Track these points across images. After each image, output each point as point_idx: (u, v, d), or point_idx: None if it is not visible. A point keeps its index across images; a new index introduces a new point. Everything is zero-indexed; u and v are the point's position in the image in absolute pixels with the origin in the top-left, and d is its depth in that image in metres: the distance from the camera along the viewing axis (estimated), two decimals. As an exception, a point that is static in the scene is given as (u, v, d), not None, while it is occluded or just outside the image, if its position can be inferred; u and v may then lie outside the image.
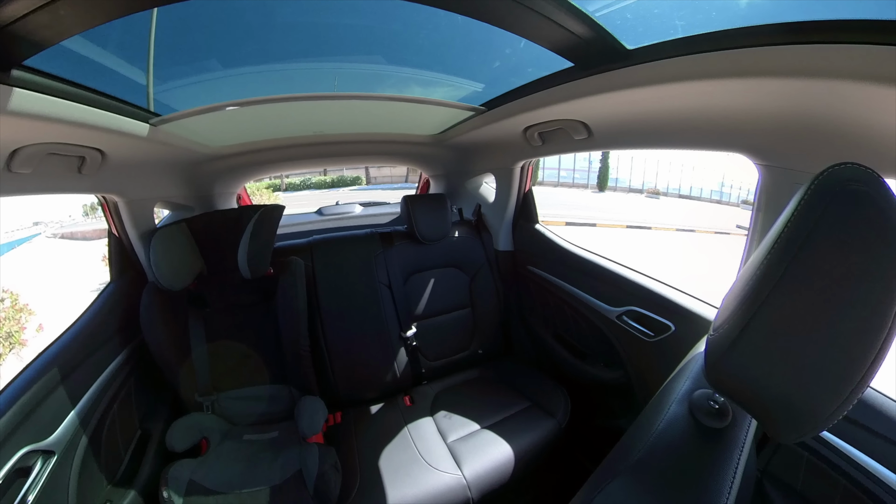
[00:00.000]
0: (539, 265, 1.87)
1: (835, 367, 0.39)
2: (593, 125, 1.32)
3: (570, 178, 20.50)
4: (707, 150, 1.16)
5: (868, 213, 0.38)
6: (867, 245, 0.38)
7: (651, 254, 9.03)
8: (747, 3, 0.74)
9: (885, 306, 0.37)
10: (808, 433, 0.43)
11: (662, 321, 1.37)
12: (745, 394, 0.47)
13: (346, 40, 1.01)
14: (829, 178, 0.40)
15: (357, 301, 1.61)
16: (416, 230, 1.70)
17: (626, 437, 0.67)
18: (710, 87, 0.87)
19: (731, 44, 0.75)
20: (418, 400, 1.58)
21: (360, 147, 1.79)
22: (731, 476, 0.53)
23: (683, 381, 0.69)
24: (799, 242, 0.40)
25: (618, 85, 0.98)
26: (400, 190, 7.23)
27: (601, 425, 1.64)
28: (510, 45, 1.01)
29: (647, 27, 0.84)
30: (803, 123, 0.87)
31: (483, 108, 1.35)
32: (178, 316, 1.37)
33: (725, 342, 0.46)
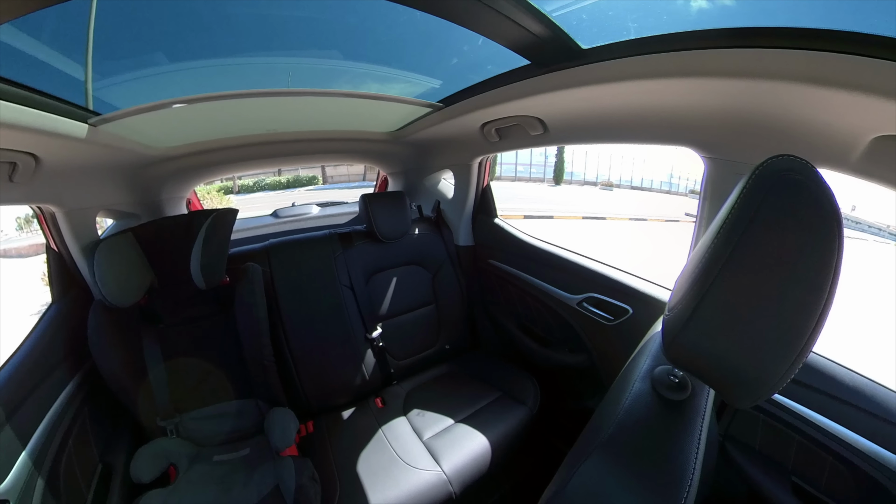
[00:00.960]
0: (500, 258, 1.94)
1: (780, 337, 0.44)
2: (549, 121, 1.38)
3: (527, 172, 21.13)
4: (657, 145, 1.26)
5: (803, 199, 0.43)
6: (803, 227, 0.42)
7: (607, 242, 9.59)
8: (696, 8, 0.82)
9: (821, 281, 0.42)
10: (761, 397, 0.48)
11: (621, 305, 1.48)
12: (702, 366, 0.52)
13: (301, 34, 0.98)
14: (768, 169, 0.45)
15: (319, 305, 1.58)
16: (376, 229, 1.70)
17: (595, 416, 0.72)
18: (660, 85, 0.95)
19: (680, 46, 0.83)
20: (390, 401, 1.58)
21: (316, 145, 1.75)
22: (696, 443, 0.58)
23: (644, 360, 0.74)
24: (742, 227, 0.44)
25: (573, 82, 1.04)
26: (358, 189, 7.13)
27: (571, 408, 1.75)
28: (468, 43, 1.02)
29: (602, 28, 0.90)
30: (745, 119, 0.98)
31: (441, 104, 1.37)
32: (130, 335, 1.27)
33: (680, 321, 0.51)
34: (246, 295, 1.39)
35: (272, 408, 1.38)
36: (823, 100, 0.77)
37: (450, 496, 1.22)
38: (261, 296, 1.40)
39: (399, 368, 1.72)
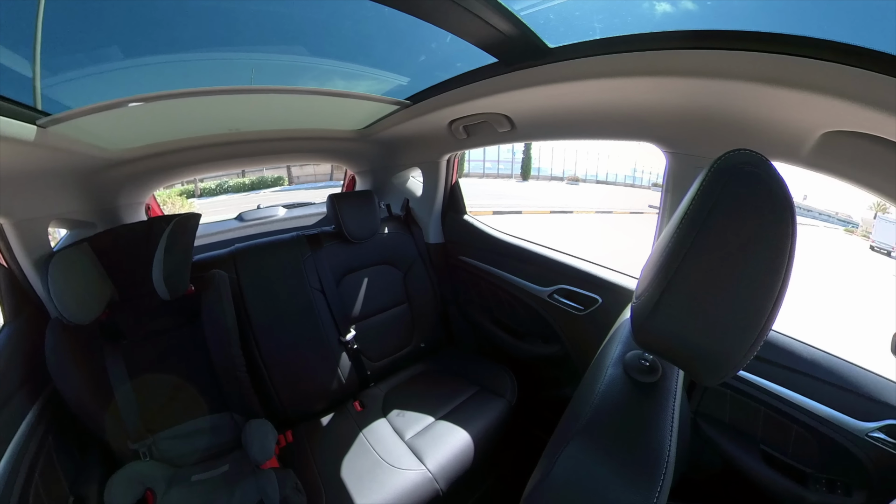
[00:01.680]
0: (470, 254, 1.98)
1: (742, 317, 0.48)
2: (516, 118, 1.42)
3: (495, 168, 21.44)
4: (621, 140, 1.34)
5: (759, 189, 0.46)
6: (759, 216, 0.46)
7: (575, 235, 9.95)
8: (659, 11, 0.87)
9: (777, 264, 0.45)
10: (727, 375, 0.52)
11: (590, 295, 1.57)
12: (670, 349, 0.55)
13: (265, 29, 0.95)
14: (726, 162, 0.48)
15: (290, 310, 1.55)
16: (345, 229, 1.68)
17: (572, 403, 0.75)
18: (624, 84, 1.01)
19: (643, 46, 0.88)
20: (368, 403, 1.58)
21: (281, 145, 1.71)
22: (670, 421, 0.62)
23: (615, 346, 0.78)
24: (703, 217, 0.48)
25: (540, 80, 1.08)
26: (325, 189, 6.99)
27: (548, 397, 1.82)
28: (436, 40, 1.03)
29: (569, 27, 0.94)
30: (704, 116, 1.06)
31: (408, 101, 1.38)
32: (92, 354, 1.19)
33: (648, 307, 0.53)
34: (213, 304, 1.34)
35: (248, 420, 1.35)
36: (777, 98, 0.84)
37: (437, 494, 1.24)
38: (228, 304, 1.36)
39: (375, 370, 1.72)
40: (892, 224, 20.52)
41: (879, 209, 22.28)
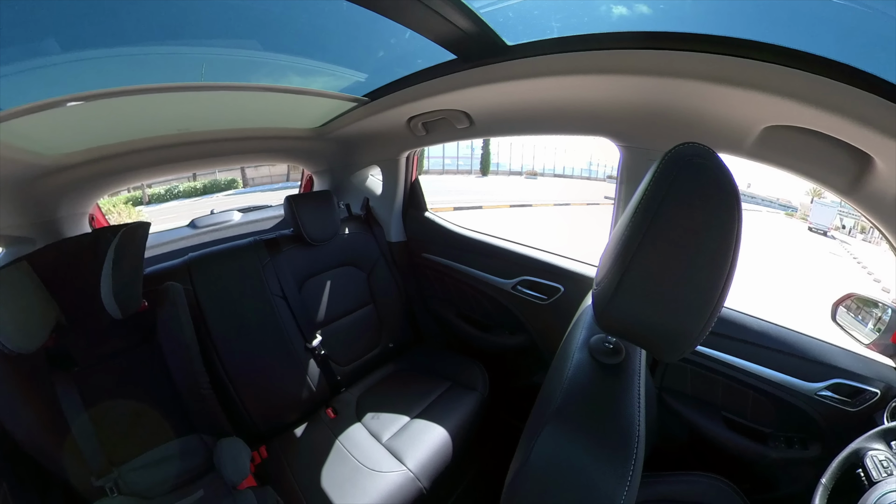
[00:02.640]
0: (433, 251, 2.01)
1: (696, 297, 0.52)
2: (475, 115, 1.46)
3: (454, 165, 21.61)
4: (577, 135, 1.42)
5: (707, 179, 0.49)
6: (708, 203, 0.49)
7: (535, 227, 10.35)
8: (613, 12, 0.93)
9: (725, 249, 0.49)
10: (686, 351, 0.56)
11: (552, 285, 1.66)
12: (632, 331, 0.59)
13: (217, 22, 0.91)
14: (676, 155, 0.51)
15: (251, 320, 1.50)
16: (304, 232, 1.65)
17: (543, 390, 0.80)
18: (580, 81, 1.08)
19: (598, 45, 0.95)
20: (341, 409, 1.57)
21: (234, 145, 1.64)
22: (637, 398, 0.67)
23: (580, 332, 0.83)
24: (656, 206, 0.51)
25: (498, 77, 1.13)
26: (282, 190, 6.75)
27: (519, 386, 1.89)
28: (395, 35, 1.04)
29: (527, 26, 0.98)
30: (655, 112, 1.16)
31: (366, 98, 1.38)
32: (40, 385, 1.09)
33: (608, 292, 0.57)
34: (169, 319, 1.27)
35: (219, 440, 1.29)
36: (723, 96, 0.94)
37: (420, 492, 1.27)
38: (186, 318, 1.29)
39: (345, 374, 1.71)
40: (828, 208, 23.29)
41: (815, 194, 25.09)
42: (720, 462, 1.39)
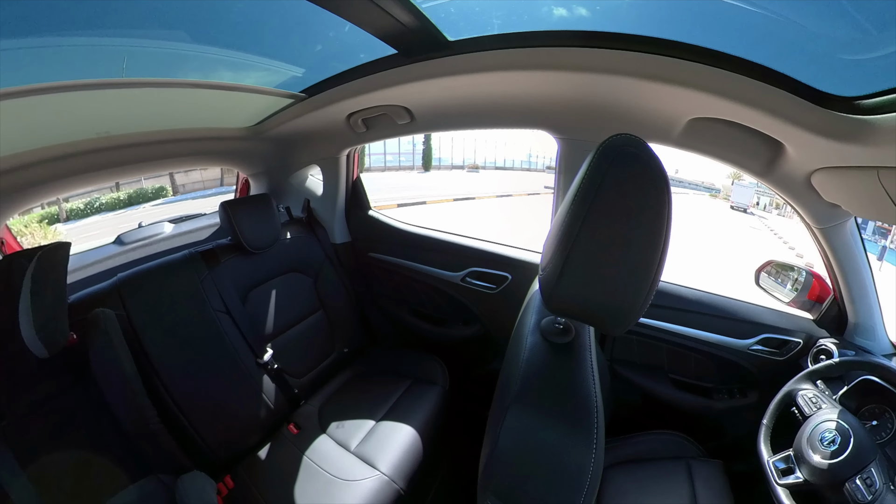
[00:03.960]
0: (380, 250, 2.04)
1: (635, 274, 0.57)
2: (416, 110, 1.50)
3: (396, 161, 21.59)
4: (517, 129, 1.52)
5: (638, 167, 0.55)
6: (640, 189, 0.55)
7: (479, 219, 10.75)
8: (553, 14, 1.00)
9: (658, 228, 0.55)
10: (630, 323, 0.62)
11: (500, 274, 1.77)
12: (579, 310, 0.65)
13: (140, 10, 0.84)
14: (610, 145, 0.56)
15: (195, 340, 1.41)
16: (243, 239, 1.58)
17: (501, 375, 0.86)
18: (520, 77, 1.15)
19: (538, 42, 1.02)
20: (304, 423, 1.53)
21: (161, 149, 1.52)
22: (590, 372, 0.74)
23: (530, 316, 0.89)
24: (593, 193, 0.56)
25: (439, 72, 1.17)
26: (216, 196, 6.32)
27: (479, 374, 1.96)
28: (334, 29, 1.03)
29: (468, 22, 1.03)
30: (590, 106, 1.27)
31: (304, 94, 1.36)
32: None
33: (553, 276, 0.61)
34: (103, 351, 1.15)
35: (179, 478, 1.20)
36: (652, 91, 1.06)
37: (398, 494, 1.29)
38: (122, 347, 1.18)
39: (302, 386, 1.67)
40: (746, 188, 26.92)
41: (735, 177, 28.86)
42: (673, 419, 1.61)
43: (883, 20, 0.70)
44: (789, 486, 1.08)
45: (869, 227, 22.04)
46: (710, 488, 1.27)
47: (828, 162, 1.02)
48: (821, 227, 1.29)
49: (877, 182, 0.89)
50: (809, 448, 1.07)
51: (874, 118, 0.77)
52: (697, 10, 0.90)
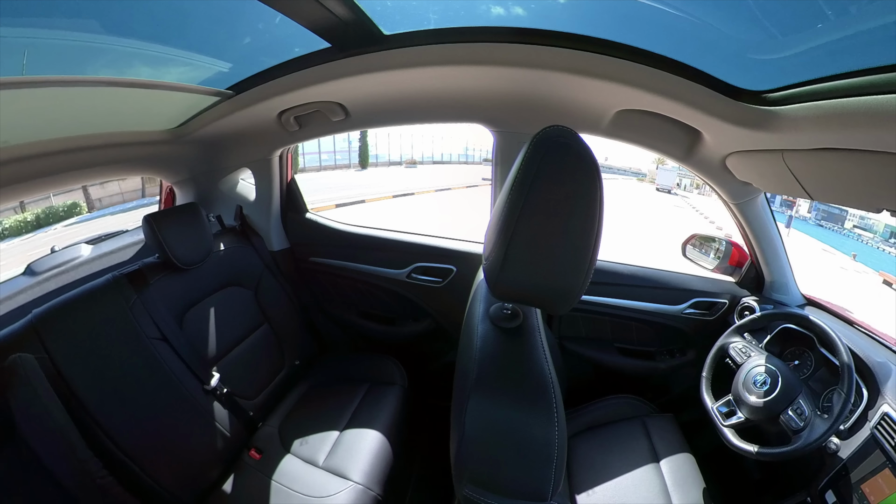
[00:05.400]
0: (321, 254, 2.01)
1: (573, 257, 0.62)
2: (351, 106, 1.49)
3: (332, 160, 21.09)
4: (453, 122, 1.58)
5: (570, 156, 0.58)
6: (573, 177, 0.58)
7: (420, 214, 11.05)
8: (486, 8, 1.05)
9: (592, 212, 0.59)
10: (573, 302, 0.67)
11: (445, 267, 1.85)
12: (524, 294, 0.69)
13: None
14: (544, 136, 0.59)
15: (131, 375, 1.29)
16: (172, 255, 1.45)
17: (458, 366, 0.89)
18: (456, 71, 1.20)
19: (473, 38, 1.07)
20: (265, 446, 1.47)
21: (70, 159, 1.35)
22: (542, 352, 0.79)
23: (478, 305, 0.93)
24: (529, 182, 0.59)
25: (374, 67, 1.18)
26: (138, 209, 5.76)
27: (435, 368, 2.04)
28: (263, 20, 0.99)
29: (404, 16, 1.04)
30: (524, 99, 1.35)
31: (231, 91, 1.30)
32: None
33: (497, 265, 0.65)
34: (27, 403, 1.02)
35: None
36: (583, 85, 1.16)
37: (376, 500, 1.30)
38: (50, 396, 1.05)
39: (257, 407, 1.59)
40: (669, 172, 30.29)
41: (660, 162, 32.38)
42: (623, 383, 1.80)
43: (787, 26, 0.82)
44: (733, 425, 1.28)
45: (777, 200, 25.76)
46: (666, 439, 1.46)
47: (740, 146, 1.20)
48: (736, 203, 1.52)
49: (782, 162, 1.06)
50: (745, 391, 1.27)
51: (779, 109, 0.91)
52: (625, 12, 0.99)
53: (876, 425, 1.08)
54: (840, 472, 1.09)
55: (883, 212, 0.91)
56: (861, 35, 0.71)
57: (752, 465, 1.64)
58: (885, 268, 15.81)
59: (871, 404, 1.14)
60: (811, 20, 0.77)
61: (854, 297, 10.45)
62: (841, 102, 0.75)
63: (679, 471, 1.36)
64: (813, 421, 1.13)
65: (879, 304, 10.57)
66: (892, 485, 0.98)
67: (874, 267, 16.08)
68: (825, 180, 1.03)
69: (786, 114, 0.90)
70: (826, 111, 0.79)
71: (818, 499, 1.12)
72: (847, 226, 29.60)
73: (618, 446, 1.44)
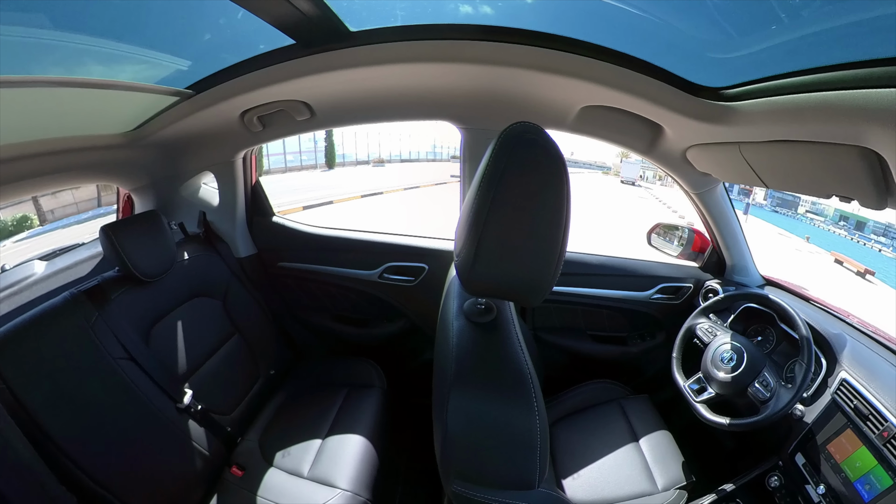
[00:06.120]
0: (290, 258, 1.98)
1: (543, 250, 0.63)
2: (316, 105, 1.48)
3: (297, 161, 20.65)
4: (421, 120, 1.59)
5: (537, 151, 0.60)
6: (540, 171, 0.60)
7: (389, 213, 11.07)
8: (455, 6, 1.06)
9: (559, 205, 0.61)
10: (545, 294, 0.68)
11: (417, 265, 1.87)
12: (496, 289, 0.70)
13: None
14: (511, 133, 0.61)
15: (99, 400, 1.21)
16: (133, 268, 1.37)
17: (436, 363, 0.91)
18: (423, 69, 1.21)
19: (440, 35, 1.08)
20: (247, 462, 1.43)
21: (16, 168, 1.25)
22: (518, 343, 0.81)
23: (452, 301, 0.95)
24: (497, 178, 0.60)
25: (340, 64, 1.17)
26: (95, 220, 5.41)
27: (414, 367, 2.06)
28: (225, 15, 0.96)
29: (371, 12, 1.04)
30: (491, 96, 1.38)
31: (191, 91, 1.26)
32: None
33: (469, 261, 0.66)
34: None
35: None
36: (548, 82, 1.20)
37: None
38: (11, 430, 0.98)
39: (234, 422, 1.54)
40: (633, 164, 31.79)
41: (623, 156, 33.89)
42: (598, 369, 1.88)
43: (743, 27, 0.89)
44: (705, 401, 1.37)
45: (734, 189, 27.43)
46: (643, 419, 1.55)
47: (699, 140, 1.28)
48: (697, 192, 1.62)
49: (738, 154, 1.14)
50: (714, 368, 1.36)
51: (735, 104, 0.98)
52: (591, 11, 1.03)
53: (836, 391, 1.18)
54: (807, 436, 1.19)
55: (832, 197, 0.98)
56: (811, 37, 0.78)
57: (725, 437, 1.75)
58: (836, 248, 17.31)
59: (830, 372, 1.25)
60: (766, 22, 0.84)
61: (809, 275, 11.24)
62: (792, 98, 0.81)
63: (658, 448, 1.44)
64: (778, 391, 1.22)
65: (832, 281, 11.46)
66: (855, 443, 1.07)
67: (826, 248, 17.52)
68: (779, 170, 1.11)
69: (742, 109, 0.97)
70: (779, 106, 0.86)
71: (789, 461, 1.22)
72: (800, 211, 32.23)
73: (598, 429, 1.51)
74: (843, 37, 0.71)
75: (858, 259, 15.01)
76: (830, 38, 0.73)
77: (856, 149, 0.78)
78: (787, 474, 1.22)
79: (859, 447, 1.06)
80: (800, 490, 1.17)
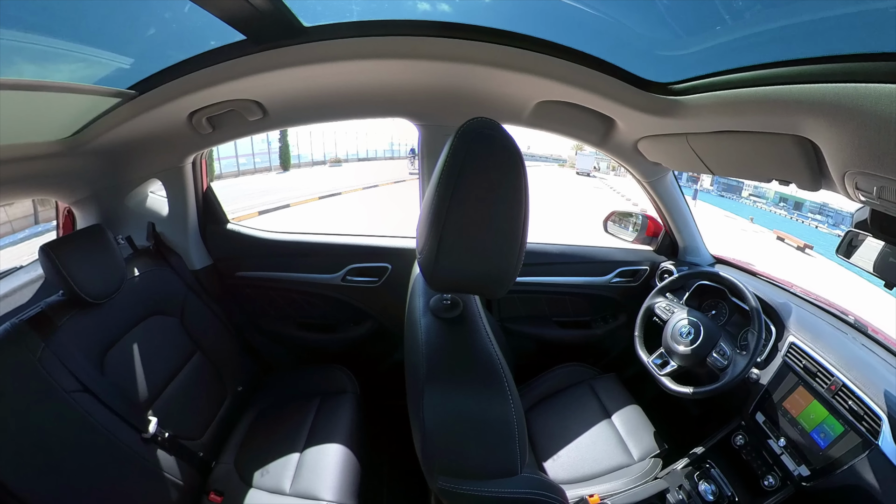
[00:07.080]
0: (248, 267, 1.92)
1: (504, 243, 0.65)
2: (268, 104, 1.44)
3: (251, 163, 19.88)
4: (377, 118, 1.60)
5: (495, 146, 0.61)
6: (498, 166, 0.62)
7: (349, 214, 10.97)
8: (413, 4, 1.07)
9: (518, 199, 0.63)
10: (508, 285, 0.70)
11: (380, 265, 1.87)
12: (461, 284, 0.72)
13: None
14: (468, 128, 0.62)
15: (54, 439, 1.10)
16: (80, 290, 1.25)
17: (407, 362, 0.93)
18: (379, 65, 1.22)
19: (397, 31, 1.08)
20: (224, 486, 1.37)
21: None
22: (486, 335, 0.83)
23: (418, 299, 0.96)
24: (456, 173, 0.61)
25: (293, 61, 1.15)
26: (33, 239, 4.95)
27: (385, 368, 2.07)
28: (171, 9, 0.93)
29: (326, 7, 1.03)
30: (448, 92, 1.40)
31: (133, 91, 1.19)
32: None
33: (431, 257, 0.67)
34: None
35: None
36: (504, 78, 1.23)
37: None
38: None
39: (206, 446, 1.47)
40: (588, 157, 33.28)
41: (578, 148, 35.33)
42: (566, 353, 1.97)
43: (690, 27, 0.96)
44: (669, 373, 1.47)
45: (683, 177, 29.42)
46: (613, 397, 1.64)
47: (649, 132, 1.36)
48: (648, 181, 1.73)
49: (686, 144, 1.23)
50: (674, 342, 1.47)
51: (683, 98, 1.06)
52: (545, 9, 1.08)
53: (786, 354, 1.32)
54: (764, 396, 1.32)
55: (773, 181, 1.07)
56: (752, 36, 0.85)
57: (690, 404, 1.89)
58: (778, 226, 19.01)
59: (780, 337, 1.38)
60: (711, 22, 0.91)
61: (755, 252, 12.18)
62: (735, 92, 0.89)
63: (630, 421, 1.54)
64: (734, 359, 1.33)
65: (776, 256, 12.52)
66: (807, 398, 1.20)
67: (769, 227, 19.21)
68: (724, 158, 1.20)
69: (689, 103, 1.05)
70: (723, 100, 0.93)
71: (750, 421, 1.34)
72: (744, 195, 35.17)
73: (571, 411, 1.59)
74: (781, 37, 0.79)
75: (798, 235, 16.38)
76: (770, 38, 0.81)
77: (792, 137, 0.85)
78: (751, 432, 1.35)
79: (811, 401, 1.18)
80: (763, 445, 1.30)
